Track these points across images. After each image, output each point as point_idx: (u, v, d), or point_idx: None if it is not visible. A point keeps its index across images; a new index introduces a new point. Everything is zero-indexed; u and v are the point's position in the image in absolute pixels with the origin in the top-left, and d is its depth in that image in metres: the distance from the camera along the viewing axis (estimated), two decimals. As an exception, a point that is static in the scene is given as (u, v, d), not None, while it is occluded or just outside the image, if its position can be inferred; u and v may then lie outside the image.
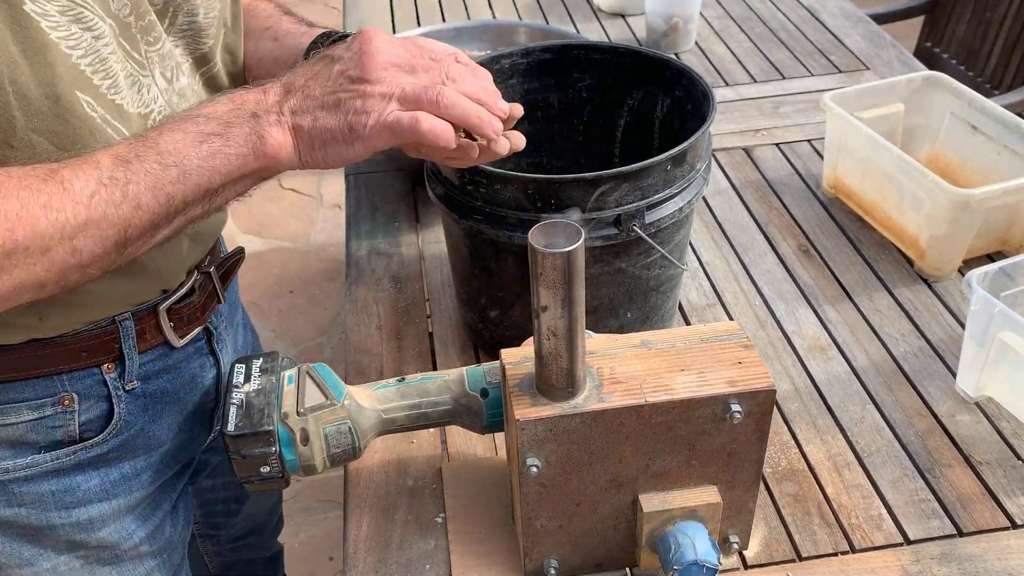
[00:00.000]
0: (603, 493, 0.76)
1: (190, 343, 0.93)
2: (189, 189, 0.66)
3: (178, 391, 0.93)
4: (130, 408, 0.88)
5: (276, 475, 0.80)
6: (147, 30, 0.75)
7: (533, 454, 0.72)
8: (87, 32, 0.68)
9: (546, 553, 0.79)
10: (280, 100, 0.69)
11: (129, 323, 0.85)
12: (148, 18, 0.75)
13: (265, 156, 0.68)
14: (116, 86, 0.72)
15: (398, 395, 0.83)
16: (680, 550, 0.74)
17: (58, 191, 0.63)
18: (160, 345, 0.89)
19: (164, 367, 0.91)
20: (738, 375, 0.73)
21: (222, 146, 0.67)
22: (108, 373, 0.85)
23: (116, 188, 0.64)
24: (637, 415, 0.72)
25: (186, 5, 0.79)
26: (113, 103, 0.72)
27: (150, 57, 0.76)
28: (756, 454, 0.75)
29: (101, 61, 0.70)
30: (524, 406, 0.72)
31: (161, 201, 0.66)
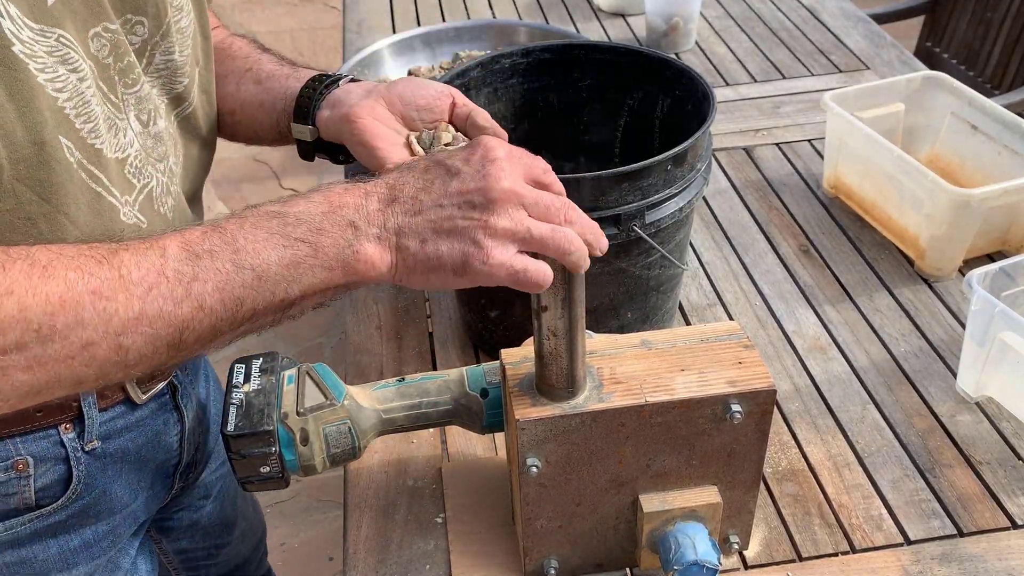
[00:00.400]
0: (603, 493, 0.76)
1: (153, 399, 0.88)
2: (262, 297, 0.59)
3: (140, 449, 0.88)
4: (90, 470, 0.83)
5: (276, 475, 0.79)
6: (125, 72, 0.72)
7: (533, 454, 0.72)
8: (72, 74, 0.65)
9: (546, 553, 0.79)
10: (383, 210, 0.61)
11: None
12: (127, 59, 0.72)
13: (356, 273, 0.60)
14: (96, 130, 0.68)
15: (398, 395, 0.83)
16: (680, 550, 0.74)
17: (112, 277, 0.56)
18: (122, 402, 0.85)
19: (126, 425, 0.86)
20: (738, 375, 0.73)
21: (308, 255, 0.59)
22: (66, 433, 0.80)
23: (179, 284, 0.57)
24: (637, 415, 0.72)
25: (163, 43, 0.77)
26: (92, 147, 0.68)
27: (126, 100, 0.73)
28: (756, 454, 0.75)
29: (84, 104, 0.66)
30: (524, 406, 0.72)
31: (228, 306, 0.58)
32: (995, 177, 1.15)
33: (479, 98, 1.07)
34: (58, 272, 0.55)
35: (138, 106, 0.74)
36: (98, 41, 0.68)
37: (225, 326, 0.59)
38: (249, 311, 0.59)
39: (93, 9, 0.68)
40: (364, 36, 1.80)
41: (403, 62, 1.50)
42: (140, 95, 0.74)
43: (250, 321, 0.60)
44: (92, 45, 0.68)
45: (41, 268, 0.55)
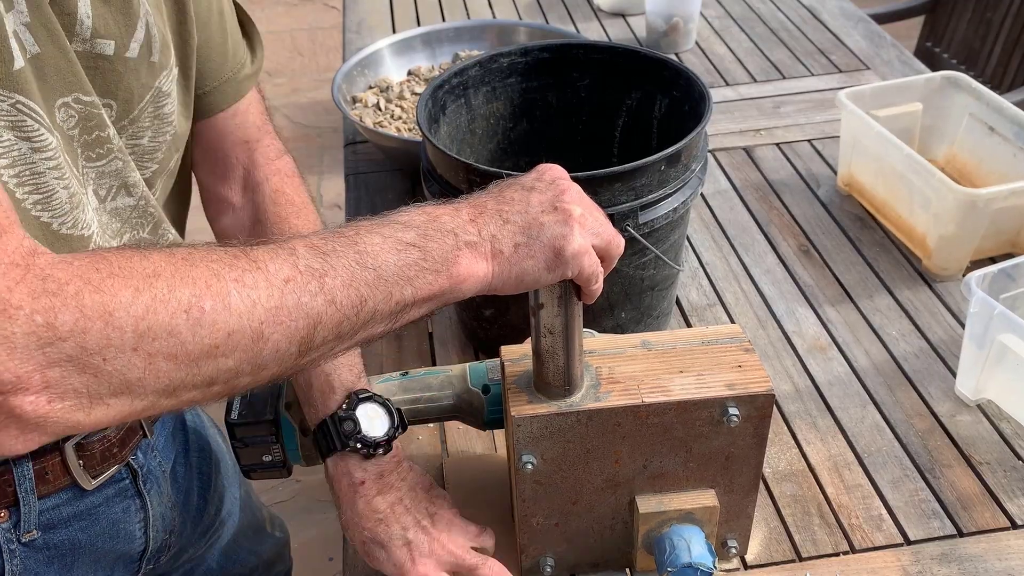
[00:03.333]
0: (599, 493, 0.76)
1: (108, 484, 0.81)
2: (381, 296, 0.60)
3: (94, 540, 0.81)
4: (27, 564, 0.76)
5: (278, 464, 0.80)
6: (91, 145, 0.69)
7: (529, 451, 0.72)
8: (24, 142, 0.62)
9: (543, 551, 0.79)
10: (475, 220, 0.63)
11: (25, 463, 0.73)
12: (98, 133, 0.69)
13: (458, 277, 0.62)
14: (47, 204, 0.65)
15: (400, 389, 0.83)
16: (675, 552, 0.74)
17: (251, 268, 0.56)
18: (67, 488, 0.77)
19: (73, 513, 0.79)
20: (737, 379, 0.72)
21: (419, 259, 0.61)
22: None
23: (312, 278, 0.57)
24: (634, 415, 0.71)
25: (130, 127, 0.74)
26: (38, 220, 0.65)
27: (86, 173, 0.70)
28: (755, 458, 0.75)
29: (33, 175, 0.63)
30: (521, 403, 0.72)
31: (354, 301, 0.59)
32: (1011, 179, 1.14)
33: (477, 97, 1.07)
34: (199, 261, 0.54)
35: (98, 180, 0.71)
36: (65, 111, 0.66)
37: (348, 327, 0.60)
38: (370, 312, 0.60)
39: (67, 79, 0.65)
40: (364, 36, 1.80)
41: (403, 62, 1.50)
42: (105, 170, 0.71)
43: (369, 325, 0.61)
44: (58, 116, 0.65)
45: (182, 258, 0.54)
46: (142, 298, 0.51)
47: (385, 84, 1.45)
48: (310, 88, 3.55)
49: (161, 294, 0.52)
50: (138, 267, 0.52)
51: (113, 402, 0.52)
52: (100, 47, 0.68)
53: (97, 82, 0.69)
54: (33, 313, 0.48)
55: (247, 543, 1.12)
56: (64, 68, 0.64)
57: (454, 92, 1.04)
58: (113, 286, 0.51)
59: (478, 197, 0.66)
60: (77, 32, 0.66)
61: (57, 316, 0.49)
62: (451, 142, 1.05)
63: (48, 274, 0.50)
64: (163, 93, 0.75)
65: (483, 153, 1.10)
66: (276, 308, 0.56)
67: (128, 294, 0.51)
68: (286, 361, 0.58)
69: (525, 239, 0.63)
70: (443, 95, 1.02)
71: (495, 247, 0.63)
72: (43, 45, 0.62)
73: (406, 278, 0.61)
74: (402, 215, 0.63)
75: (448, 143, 1.04)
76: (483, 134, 1.10)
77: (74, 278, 0.50)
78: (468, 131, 1.08)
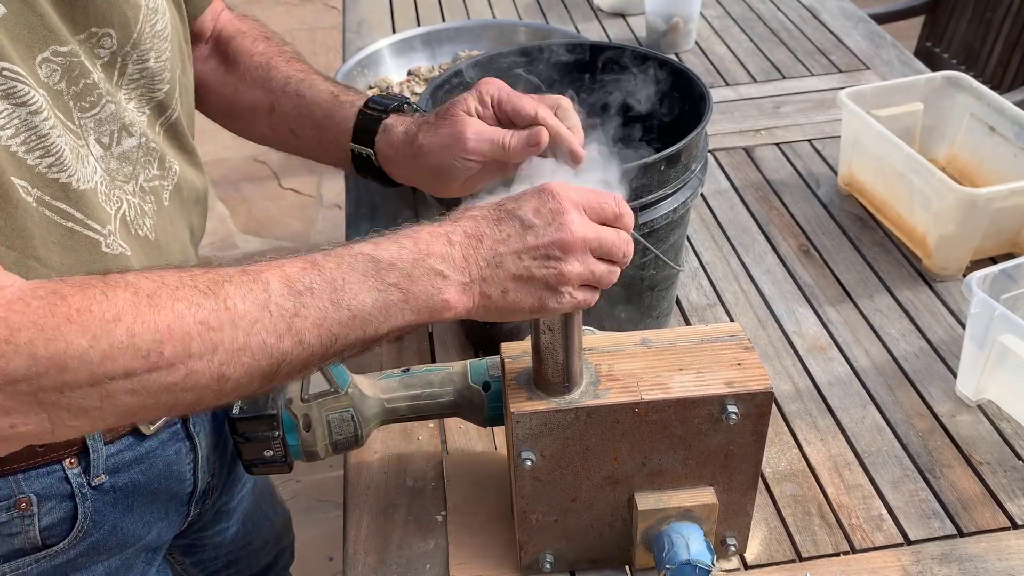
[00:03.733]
0: (598, 490, 0.76)
1: (163, 428, 0.84)
2: (354, 334, 0.61)
3: (152, 482, 0.84)
4: (98, 506, 0.80)
5: (280, 459, 0.81)
6: (82, 95, 0.69)
7: (528, 448, 0.73)
8: (20, 107, 0.62)
9: (542, 547, 0.80)
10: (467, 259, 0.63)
11: None
12: (83, 81, 0.68)
13: (440, 316, 0.63)
14: (60, 163, 0.66)
15: (401, 385, 0.83)
16: (673, 549, 0.74)
17: (219, 309, 0.56)
18: (129, 434, 0.81)
19: (135, 457, 0.82)
20: (736, 376, 0.72)
21: (400, 301, 0.62)
22: (71, 469, 0.77)
23: (282, 319, 0.58)
24: (632, 412, 0.72)
25: (135, 52, 0.73)
26: (56, 182, 0.66)
27: (84, 124, 0.70)
28: (754, 456, 0.75)
29: (39, 138, 0.64)
30: (520, 400, 0.72)
31: (324, 341, 0.60)
32: (1011, 179, 1.14)
33: (479, 98, 1.07)
34: (165, 302, 0.55)
35: (98, 128, 0.71)
36: (47, 67, 0.65)
37: (317, 359, 0.61)
38: (341, 346, 0.61)
39: (39, 33, 0.64)
40: (364, 36, 1.80)
41: (403, 62, 1.50)
42: (101, 116, 0.71)
43: (339, 354, 0.62)
44: (41, 72, 0.64)
45: (146, 297, 0.55)
46: (99, 345, 0.53)
47: (385, 84, 1.45)
48: (310, 88, 3.54)
49: (119, 340, 0.53)
50: (98, 311, 0.53)
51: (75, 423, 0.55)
52: None
53: (90, 12, 0.68)
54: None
55: (264, 507, 1.16)
56: (34, 22, 0.63)
57: (454, 92, 1.04)
58: (68, 334, 0.52)
59: (477, 223, 0.65)
60: None
61: (9, 363, 0.51)
62: (451, 142, 1.05)
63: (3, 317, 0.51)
64: (151, 9, 0.75)
65: (483, 153, 1.10)
66: (239, 350, 0.57)
67: (84, 342, 0.52)
68: (248, 389, 0.59)
69: (514, 286, 0.65)
70: (443, 95, 1.02)
71: (483, 290, 0.64)
72: (8, 4, 0.61)
73: (384, 316, 0.61)
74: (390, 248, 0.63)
75: (448, 143, 1.04)
76: (483, 134, 1.09)
77: (28, 324, 0.51)
78: (468, 131, 1.08)
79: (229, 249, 2.84)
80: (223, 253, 2.83)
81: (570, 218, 0.65)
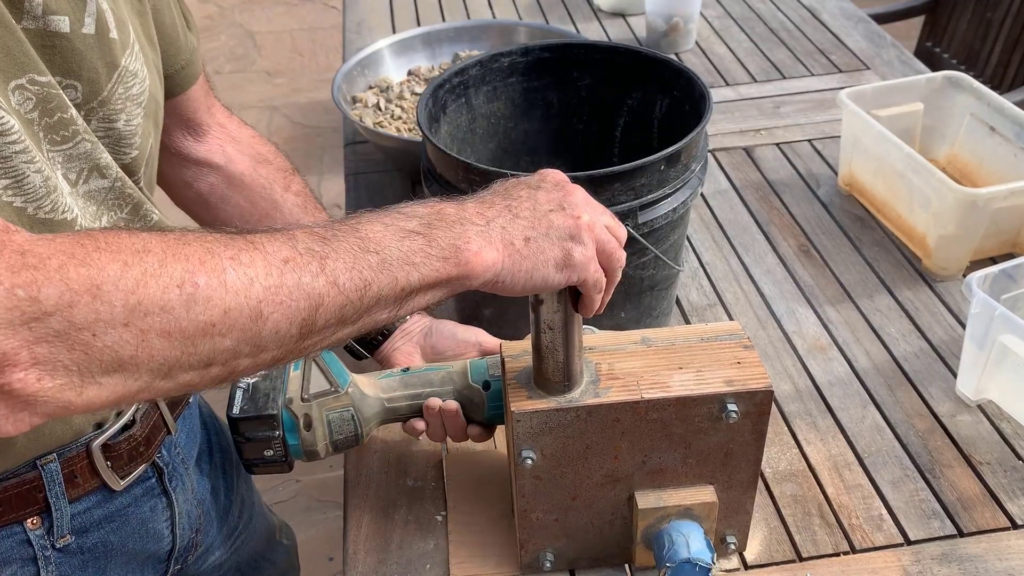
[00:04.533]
0: (599, 488, 0.76)
1: (136, 484, 0.80)
2: (385, 281, 0.59)
3: (125, 541, 0.81)
4: (63, 570, 0.76)
5: (280, 459, 0.81)
6: (54, 128, 0.66)
7: (528, 447, 0.73)
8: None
9: (542, 546, 0.80)
10: (481, 212, 0.63)
11: (54, 466, 0.72)
12: (59, 115, 0.66)
13: (466, 264, 0.61)
14: (19, 187, 0.63)
15: (401, 384, 0.83)
16: (674, 547, 0.74)
17: (248, 247, 0.54)
18: (97, 490, 0.77)
19: (104, 515, 0.78)
20: (736, 375, 0.73)
21: (424, 245, 0.60)
22: (33, 530, 0.72)
23: (313, 259, 0.56)
24: (633, 411, 0.72)
25: (101, 110, 0.71)
26: (10, 206, 0.63)
27: (53, 158, 0.67)
28: (754, 454, 0.75)
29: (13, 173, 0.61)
30: (521, 399, 0.72)
31: (357, 285, 0.57)
32: (1011, 179, 1.14)
33: (478, 96, 1.07)
34: (192, 240, 0.53)
35: (66, 164, 0.68)
36: (21, 94, 0.62)
37: (351, 310, 0.58)
38: (374, 296, 0.59)
39: (18, 60, 0.62)
40: (364, 36, 1.80)
41: (403, 62, 1.50)
42: (72, 153, 0.68)
43: (373, 309, 0.59)
44: (13, 98, 0.62)
45: (174, 237, 0.53)
46: (131, 272, 0.49)
47: (385, 84, 1.45)
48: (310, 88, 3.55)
49: (152, 268, 0.50)
50: (127, 243, 0.51)
51: (105, 381, 0.50)
52: (55, 24, 0.65)
53: (56, 62, 0.66)
54: (14, 287, 0.46)
55: (264, 552, 1.13)
56: (13, 47, 0.61)
57: (455, 92, 1.04)
58: (100, 259, 0.49)
59: (483, 195, 0.65)
60: (27, 9, 0.63)
61: (40, 290, 0.47)
62: (452, 142, 1.05)
63: (27, 249, 0.48)
64: (130, 72, 0.72)
65: (484, 153, 1.10)
66: (275, 287, 0.54)
67: (116, 268, 0.49)
68: (286, 343, 0.56)
69: (535, 234, 0.63)
70: (444, 95, 1.02)
71: (505, 238, 0.62)
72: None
73: (411, 263, 0.59)
74: (404, 207, 0.63)
75: (448, 143, 1.04)
76: (484, 134, 1.10)
77: (57, 252, 0.48)
78: (469, 131, 1.08)
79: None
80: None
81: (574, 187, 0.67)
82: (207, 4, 4.21)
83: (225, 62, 3.77)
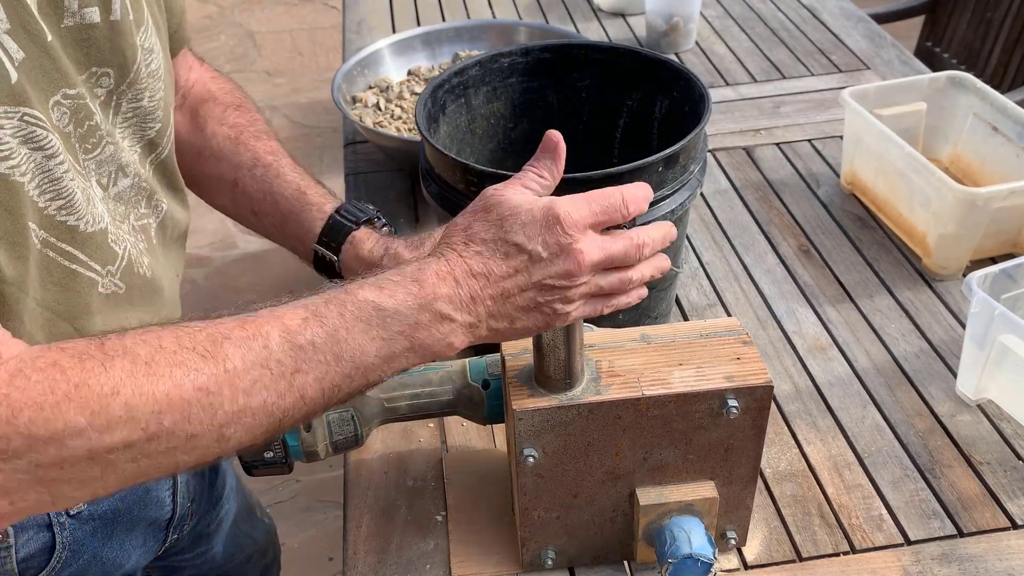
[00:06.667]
0: (600, 485, 0.76)
1: None
2: (357, 384, 0.61)
3: (131, 509, 0.85)
4: (76, 536, 0.79)
5: (280, 460, 0.81)
6: (85, 137, 0.69)
7: (530, 445, 0.73)
8: (37, 152, 0.62)
9: (544, 544, 0.80)
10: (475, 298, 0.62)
11: None
12: (87, 123, 0.69)
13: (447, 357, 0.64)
14: (70, 207, 0.66)
15: (400, 384, 0.84)
16: (675, 543, 0.74)
17: (218, 372, 0.56)
18: None
19: None
20: (736, 371, 0.73)
21: (406, 349, 0.61)
22: None
23: (283, 377, 0.57)
24: (634, 408, 0.72)
25: (129, 91, 0.74)
26: (64, 224, 0.66)
27: (87, 166, 0.70)
28: (754, 450, 0.76)
29: (51, 182, 0.64)
30: (522, 397, 0.72)
31: (326, 393, 0.59)
32: (1013, 180, 1.14)
33: (478, 97, 1.07)
34: (162, 370, 0.54)
35: (99, 170, 0.71)
36: (58, 110, 0.65)
37: (319, 409, 0.61)
38: (344, 395, 0.61)
39: (52, 76, 0.64)
40: (364, 36, 1.80)
41: (403, 62, 1.50)
42: (101, 158, 0.71)
43: (342, 401, 0.62)
44: (54, 115, 0.65)
45: (144, 365, 0.54)
46: (98, 421, 0.52)
47: (385, 84, 1.45)
48: (310, 88, 3.55)
49: (117, 416, 0.53)
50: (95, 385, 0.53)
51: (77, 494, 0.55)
52: (88, 16, 0.67)
53: (92, 53, 0.68)
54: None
55: (244, 527, 1.15)
56: (48, 66, 0.64)
57: (454, 92, 1.04)
58: (67, 411, 0.52)
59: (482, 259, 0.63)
60: (67, 7, 0.65)
61: (10, 443, 0.51)
62: (451, 142, 1.05)
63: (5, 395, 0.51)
64: (146, 50, 0.75)
65: (483, 153, 1.10)
66: (240, 412, 0.56)
67: (83, 419, 0.52)
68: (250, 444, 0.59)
69: (521, 315, 0.65)
70: (443, 95, 1.02)
71: (491, 323, 0.64)
72: (26, 48, 0.62)
73: (388, 364, 0.61)
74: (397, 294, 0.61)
75: (448, 143, 1.04)
76: (483, 134, 1.10)
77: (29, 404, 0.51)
78: (468, 131, 1.08)
79: (229, 249, 2.84)
80: (223, 253, 2.83)
81: (579, 247, 0.63)
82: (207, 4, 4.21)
83: (225, 62, 3.77)
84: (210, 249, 2.79)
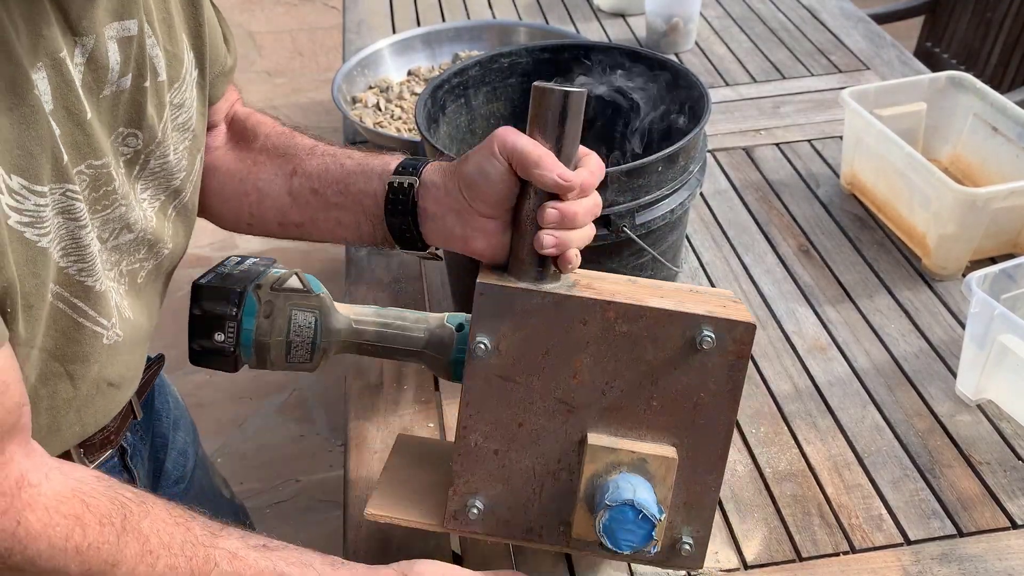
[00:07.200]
0: (550, 417, 0.71)
1: (100, 465, 0.83)
2: None
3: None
4: None
5: (228, 348, 0.78)
6: (98, 200, 0.70)
7: (485, 332, 0.69)
8: (72, 222, 0.65)
9: (475, 488, 0.73)
10: None
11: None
12: (104, 189, 0.70)
13: None
14: (89, 269, 0.68)
15: (375, 313, 0.82)
16: (618, 491, 0.68)
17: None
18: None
19: None
20: (718, 309, 0.70)
21: None
22: None
23: None
24: (602, 315, 0.68)
25: (158, 150, 0.75)
26: (81, 284, 0.68)
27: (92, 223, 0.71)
28: (726, 415, 0.70)
29: (79, 248, 0.67)
30: (489, 276, 0.70)
31: None
32: (1013, 180, 1.14)
33: (478, 97, 1.07)
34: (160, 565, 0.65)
35: (102, 226, 0.72)
36: (79, 178, 0.67)
37: None
38: None
39: (81, 151, 0.66)
40: (364, 36, 1.80)
41: (403, 62, 1.50)
42: (109, 216, 0.72)
43: None
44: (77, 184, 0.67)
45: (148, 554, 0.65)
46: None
47: (385, 84, 1.45)
48: (310, 88, 3.55)
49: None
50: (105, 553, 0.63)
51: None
52: (123, 84, 0.69)
53: (120, 115, 0.70)
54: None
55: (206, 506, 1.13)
56: (80, 141, 0.66)
57: (454, 92, 1.04)
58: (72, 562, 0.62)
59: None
60: (109, 79, 0.67)
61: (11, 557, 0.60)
62: (451, 142, 1.05)
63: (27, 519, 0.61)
64: (176, 106, 0.77)
65: (483, 153, 1.10)
66: None
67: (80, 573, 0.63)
68: None
69: None
70: (443, 95, 1.03)
71: None
72: (62, 125, 0.63)
73: None
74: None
75: (448, 143, 1.04)
76: (483, 134, 1.09)
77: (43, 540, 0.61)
78: (468, 131, 1.08)
79: (229, 249, 2.84)
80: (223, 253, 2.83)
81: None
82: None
83: (225, 62, 3.77)
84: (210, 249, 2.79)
